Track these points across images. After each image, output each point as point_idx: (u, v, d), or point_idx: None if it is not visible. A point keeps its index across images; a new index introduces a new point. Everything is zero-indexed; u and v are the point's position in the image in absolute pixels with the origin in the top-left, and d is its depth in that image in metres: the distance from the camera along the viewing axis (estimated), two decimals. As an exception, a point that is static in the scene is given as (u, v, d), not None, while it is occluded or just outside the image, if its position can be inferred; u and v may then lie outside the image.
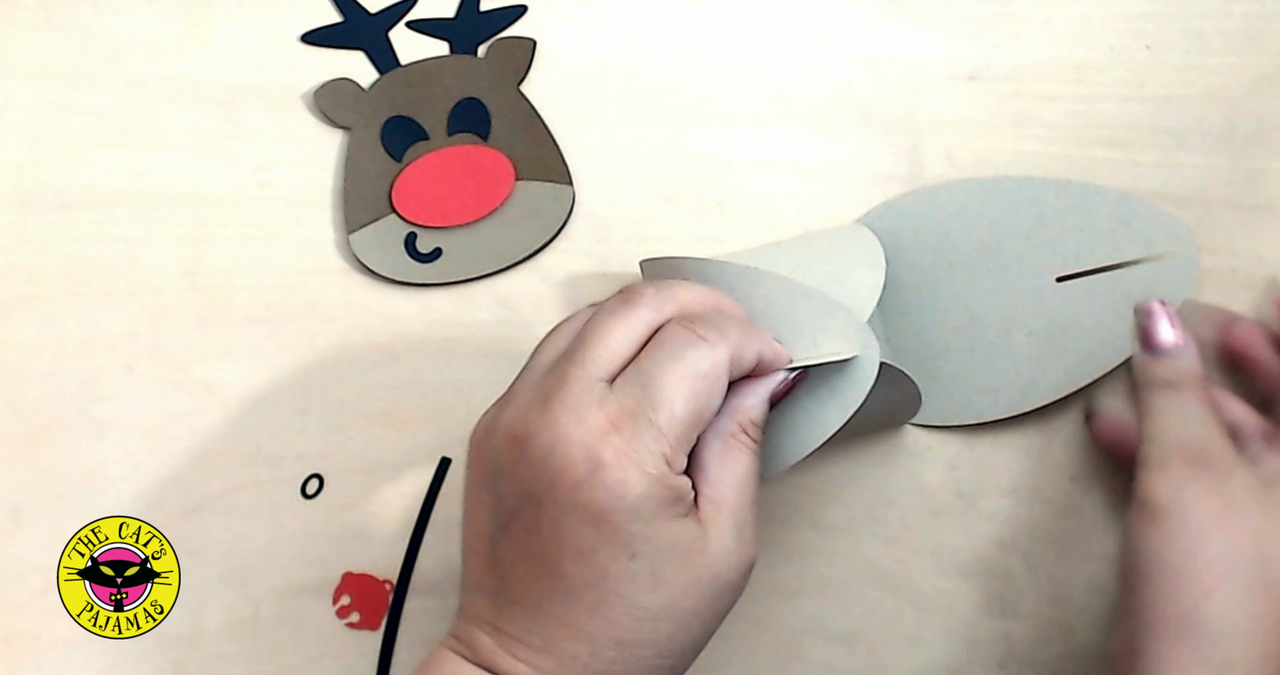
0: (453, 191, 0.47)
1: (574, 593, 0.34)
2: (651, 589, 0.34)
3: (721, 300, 0.38)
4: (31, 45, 0.48)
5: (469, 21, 0.47)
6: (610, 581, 0.34)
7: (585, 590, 0.34)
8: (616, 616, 0.34)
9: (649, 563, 0.34)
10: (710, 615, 0.35)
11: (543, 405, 0.35)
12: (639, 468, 0.34)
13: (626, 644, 0.34)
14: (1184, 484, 0.36)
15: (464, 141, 0.47)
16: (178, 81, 0.48)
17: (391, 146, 0.47)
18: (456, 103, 0.47)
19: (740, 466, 0.36)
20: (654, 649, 0.35)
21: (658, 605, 0.34)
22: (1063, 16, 0.48)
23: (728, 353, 0.35)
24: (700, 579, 0.35)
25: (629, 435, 0.34)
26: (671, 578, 0.34)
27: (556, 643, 0.34)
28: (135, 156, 0.48)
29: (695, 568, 0.35)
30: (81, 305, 0.48)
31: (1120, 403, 0.45)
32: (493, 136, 0.47)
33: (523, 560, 0.35)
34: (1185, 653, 0.35)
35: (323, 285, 0.48)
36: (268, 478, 0.48)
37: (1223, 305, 0.47)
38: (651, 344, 0.35)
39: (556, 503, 0.34)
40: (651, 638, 0.34)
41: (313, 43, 0.47)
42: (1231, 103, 0.47)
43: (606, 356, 0.35)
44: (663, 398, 0.34)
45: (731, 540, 0.36)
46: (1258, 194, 0.47)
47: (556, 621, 0.34)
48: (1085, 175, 0.47)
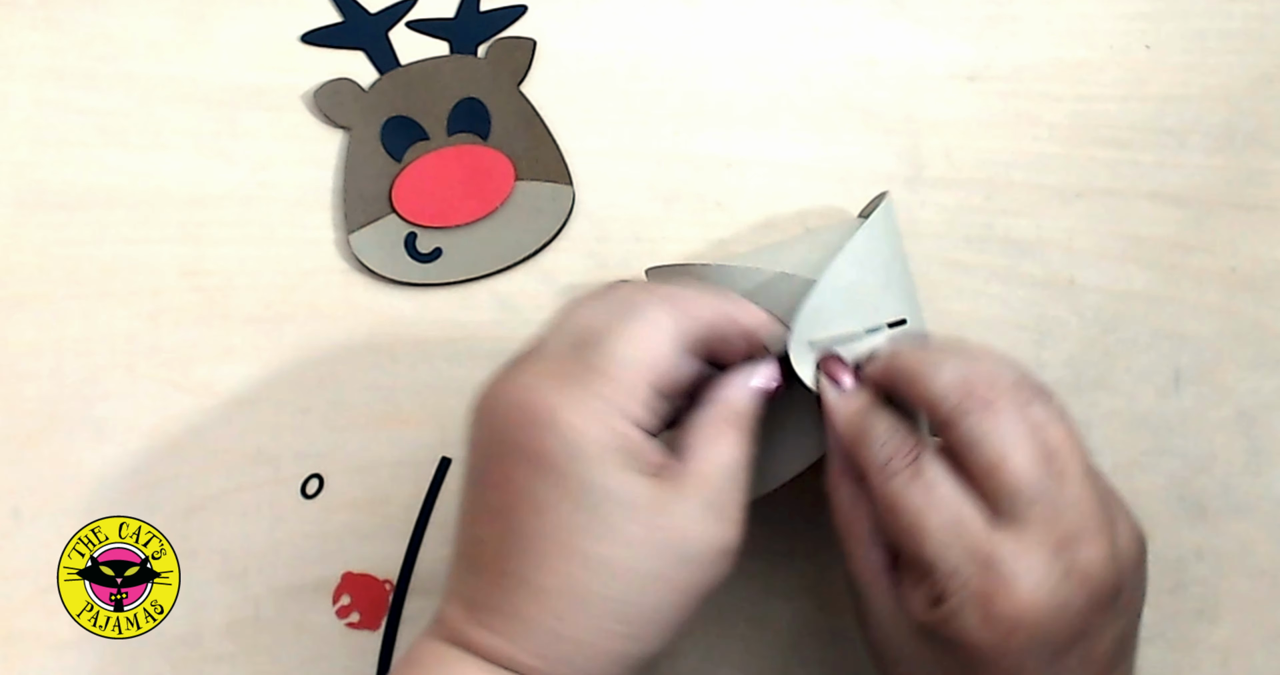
0: (453, 191, 0.47)
1: (529, 547, 0.34)
2: (600, 539, 0.33)
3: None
4: (31, 45, 0.48)
5: (469, 21, 0.47)
6: (562, 532, 0.33)
7: (538, 541, 0.34)
8: (569, 569, 0.33)
9: (598, 511, 0.33)
10: (673, 584, 0.34)
11: (513, 370, 0.36)
12: (589, 413, 0.34)
13: (581, 601, 0.33)
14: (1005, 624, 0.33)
15: (464, 141, 0.47)
16: (178, 81, 0.48)
17: (391, 146, 0.47)
18: (456, 103, 0.47)
19: (723, 449, 0.36)
20: (610, 609, 0.33)
21: (609, 558, 0.33)
22: (1063, 16, 0.48)
23: (684, 306, 0.36)
24: (656, 539, 0.33)
25: (581, 384, 0.34)
26: (623, 531, 0.33)
27: (518, 605, 0.34)
28: (135, 156, 0.48)
29: (651, 527, 0.33)
30: (81, 305, 0.48)
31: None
32: (493, 136, 0.47)
33: (485, 519, 0.35)
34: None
35: (323, 285, 0.48)
36: (268, 478, 0.48)
37: (1223, 305, 0.47)
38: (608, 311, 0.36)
39: (511, 454, 0.34)
40: (605, 594, 0.33)
41: (313, 43, 0.47)
42: (1231, 103, 0.47)
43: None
44: (615, 350, 0.34)
45: (699, 511, 0.34)
46: (1258, 194, 0.47)
47: (516, 581, 0.34)
48: (1085, 175, 0.47)
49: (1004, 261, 0.47)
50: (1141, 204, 0.47)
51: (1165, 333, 0.47)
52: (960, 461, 0.35)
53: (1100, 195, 0.47)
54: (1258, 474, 0.47)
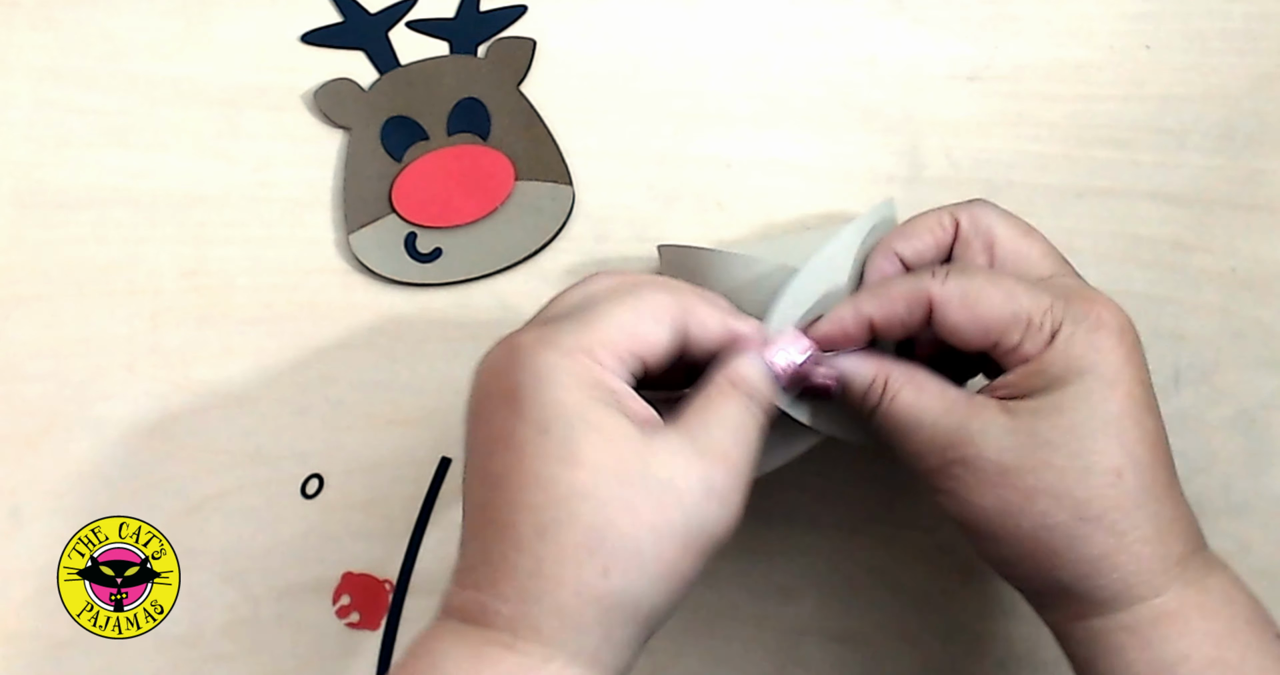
0: (452, 191, 0.47)
1: (503, 486, 0.33)
2: (565, 463, 0.32)
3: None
4: (31, 45, 0.48)
5: (469, 21, 0.47)
6: (526, 460, 0.33)
7: (511, 478, 0.33)
8: (535, 499, 0.32)
9: (567, 436, 0.32)
10: (647, 518, 0.32)
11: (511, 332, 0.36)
12: (564, 351, 0.33)
13: (548, 530, 0.32)
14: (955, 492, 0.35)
15: (464, 141, 0.47)
16: (178, 81, 0.48)
17: (391, 146, 0.47)
18: (456, 103, 0.47)
19: (720, 410, 0.35)
20: (578, 537, 0.32)
21: (574, 482, 0.32)
22: (1063, 16, 0.48)
23: (680, 300, 0.36)
24: (628, 469, 0.32)
25: (564, 331, 0.34)
26: (591, 456, 0.32)
27: (491, 550, 0.33)
28: (135, 156, 0.48)
29: (623, 455, 0.33)
30: (81, 305, 0.48)
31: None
32: (492, 136, 0.47)
33: (474, 478, 0.34)
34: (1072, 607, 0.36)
35: (323, 285, 0.48)
36: (268, 478, 0.48)
37: (1223, 305, 0.47)
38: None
39: (492, 400, 0.34)
40: (571, 520, 0.32)
41: (313, 43, 0.47)
42: (1231, 103, 0.47)
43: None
44: (607, 310, 0.35)
45: (679, 446, 0.34)
46: (1258, 194, 0.47)
47: (493, 526, 0.33)
48: (1085, 175, 0.47)
49: (1004, 261, 0.47)
50: (1141, 204, 0.47)
51: (1165, 333, 0.47)
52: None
53: (1100, 195, 0.47)
54: (1258, 474, 0.47)
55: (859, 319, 0.37)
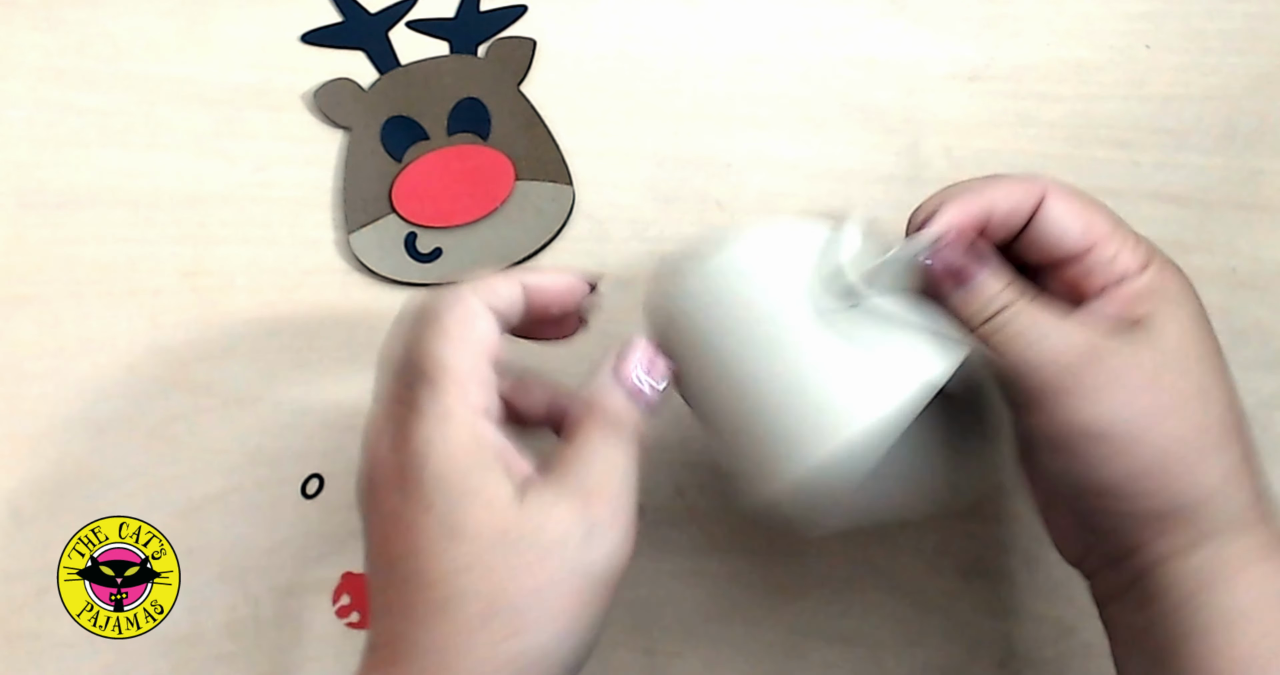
0: (453, 191, 0.47)
1: (396, 566, 0.34)
2: (452, 538, 0.33)
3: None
4: (31, 45, 0.48)
5: (469, 21, 0.47)
6: (416, 538, 0.33)
7: (402, 558, 0.34)
8: (428, 577, 0.33)
9: (445, 509, 0.33)
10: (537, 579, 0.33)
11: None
12: (424, 417, 0.34)
13: (446, 607, 0.33)
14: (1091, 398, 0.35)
15: (464, 141, 0.47)
16: (178, 81, 0.48)
17: (391, 146, 0.47)
18: (456, 102, 0.47)
19: (587, 449, 0.35)
20: (476, 609, 0.33)
21: (461, 556, 0.33)
22: (1063, 16, 0.48)
23: (465, 291, 0.35)
24: (509, 531, 0.33)
25: (416, 408, 0.34)
26: (472, 527, 0.33)
27: (397, 631, 0.34)
28: (135, 156, 0.48)
29: (502, 520, 0.33)
30: (81, 305, 0.48)
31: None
32: (493, 136, 0.47)
33: (372, 561, 0.35)
34: (1190, 532, 0.35)
35: (323, 285, 0.48)
36: (268, 478, 0.48)
37: (1223, 305, 0.47)
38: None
39: (374, 485, 0.35)
40: (464, 595, 0.33)
41: (313, 43, 0.47)
42: (1231, 103, 0.47)
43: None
44: (432, 353, 0.34)
45: (558, 498, 0.34)
46: (1258, 194, 0.47)
47: (394, 606, 0.34)
48: (1085, 175, 0.47)
49: (1004, 261, 0.47)
50: (1141, 204, 0.47)
51: (1165, 333, 0.47)
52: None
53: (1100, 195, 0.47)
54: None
55: (983, 203, 0.37)
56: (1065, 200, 0.37)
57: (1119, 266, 0.36)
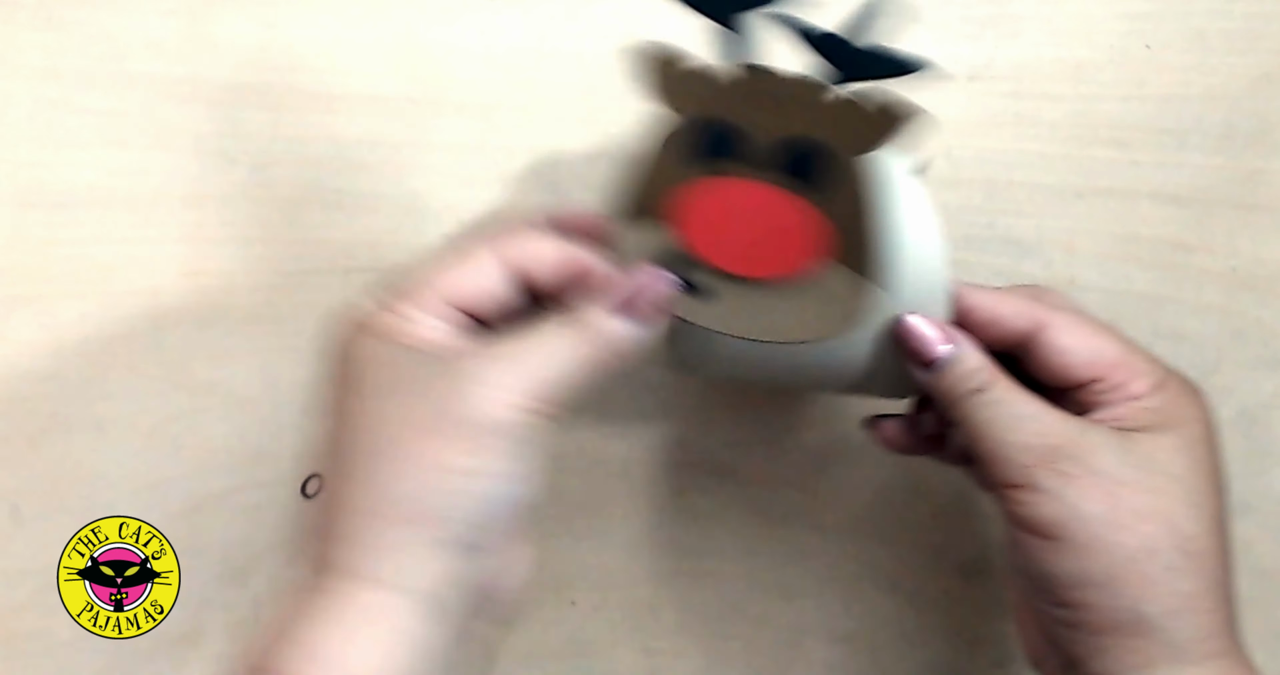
0: (743, 231, 0.37)
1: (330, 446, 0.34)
2: (341, 401, 0.34)
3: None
4: (31, 45, 0.48)
5: (860, 51, 0.36)
6: (341, 413, 0.34)
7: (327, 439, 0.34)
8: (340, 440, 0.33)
9: (343, 378, 0.34)
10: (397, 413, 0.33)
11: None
12: (376, 323, 0.35)
13: (329, 472, 0.33)
14: (1063, 491, 0.34)
15: (783, 183, 0.37)
16: (178, 81, 0.48)
17: (698, 150, 0.37)
18: (798, 136, 0.36)
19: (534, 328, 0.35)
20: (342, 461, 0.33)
21: (343, 413, 0.33)
22: (1063, 16, 0.48)
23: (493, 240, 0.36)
24: (382, 384, 0.33)
25: (377, 308, 0.35)
26: (358, 387, 0.34)
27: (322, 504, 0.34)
28: (135, 156, 0.48)
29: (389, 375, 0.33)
30: (81, 305, 0.48)
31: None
32: (818, 193, 0.36)
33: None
34: (1142, 650, 0.34)
35: (323, 285, 0.48)
36: (268, 478, 0.48)
37: (1223, 305, 0.47)
38: None
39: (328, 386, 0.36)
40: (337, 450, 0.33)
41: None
42: (1231, 103, 0.47)
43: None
44: (414, 275, 0.36)
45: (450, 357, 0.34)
46: (1258, 194, 0.47)
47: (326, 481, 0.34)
48: (1085, 175, 0.47)
49: (1004, 261, 0.47)
50: (1141, 204, 0.47)
51: (1165, 333, 0.47)
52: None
53: (1100, 195, 0.47)
54: (1258, 474, 0.47)
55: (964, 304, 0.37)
56: (1069, 331, 0.37)
57: (1127, 393, 0.36)
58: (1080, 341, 0.37)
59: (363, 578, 0.32)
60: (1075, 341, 0.37)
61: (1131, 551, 0.34)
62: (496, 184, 0.48)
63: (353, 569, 0.32)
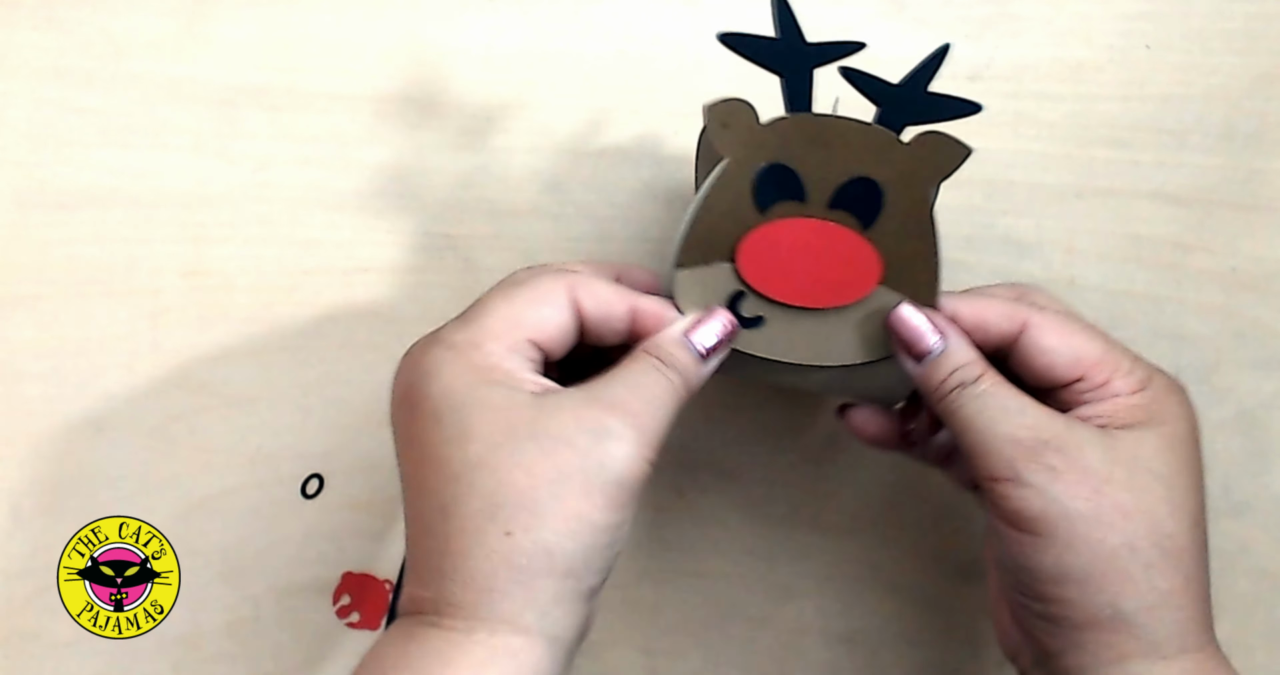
0: (806, 268, 0.40)
1: (411, 483, 0.35)
2: (458, 443, 0.33)
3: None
4: (31, 45, 0.48)
5: (912, 96, 0.40)
6: (426, 450, 0.34)
7: (415, 473, 0.34)
8: (433, 483, 0.33)
9: (453, 417, 0.34)
10: (543, 472, 0.33)
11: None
12: (441, 344, 0.35)
13: (449, 510, 0.33)
14: (1048, 487, 0.34)
15: (841, 221, 0.39)
16: (178, 81, 0.48)
17: (761, 194, 0.39)
18: (853, 178, 0.39)
19: (626, 369, 0.36)
20: (478, 507, 0.33)
21: (469, 457, 0.33)
22: (1063, 16, 0.48)
23: (567, 280, 0.36)
24: (519, 429, 0.33)
25: (442, 330, 0.36)
26: (480, 429, 0.33)
27: (414, 546, 0.34)
28: (135, 156, 0.48)
29: (513, 420, 0.33)
30: (81, 305, 0.48)
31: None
32: (874, 229, 0.39)
33: (402, 486, 0.36)
34: (1117, 645, 0.34)
35: (323, 285, 0.48)
36: (268, 478, 0.48)
37: (1223, 305, 0.47)
38: None
39: (395, 410, 0.36)
40: (469, 495, 0.33)
41: (732, 47, 0.40)
42: (1231, 103, 0.47)
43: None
44: (490, 307, 0.36)
45: (575, 401, 0.34)
46: (1258, 194, 0.47)
47: (412, 523, 0.34)
48: (1085, 175, 0.47)
49: (1004, 261, 0.47)
50: (1141, 204, 0.47)
51: (1165, 333, 0.47)
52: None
53: (1100, 195, 0.47)
54: (1258, 474, 0.47)
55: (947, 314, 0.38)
56: (1052, 332, 0.37)
57: (1111, 391, 0.36)
58: (1063, 341, 0.37)
59: (506, 623, 0.32)
60: (1058, 341, 0.37)
61: (1112, 548, 0.34)
62: (497, 184, 0.48)
63: (497, 615, 0.32)
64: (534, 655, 0.32)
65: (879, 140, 0.39)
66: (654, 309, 0.38)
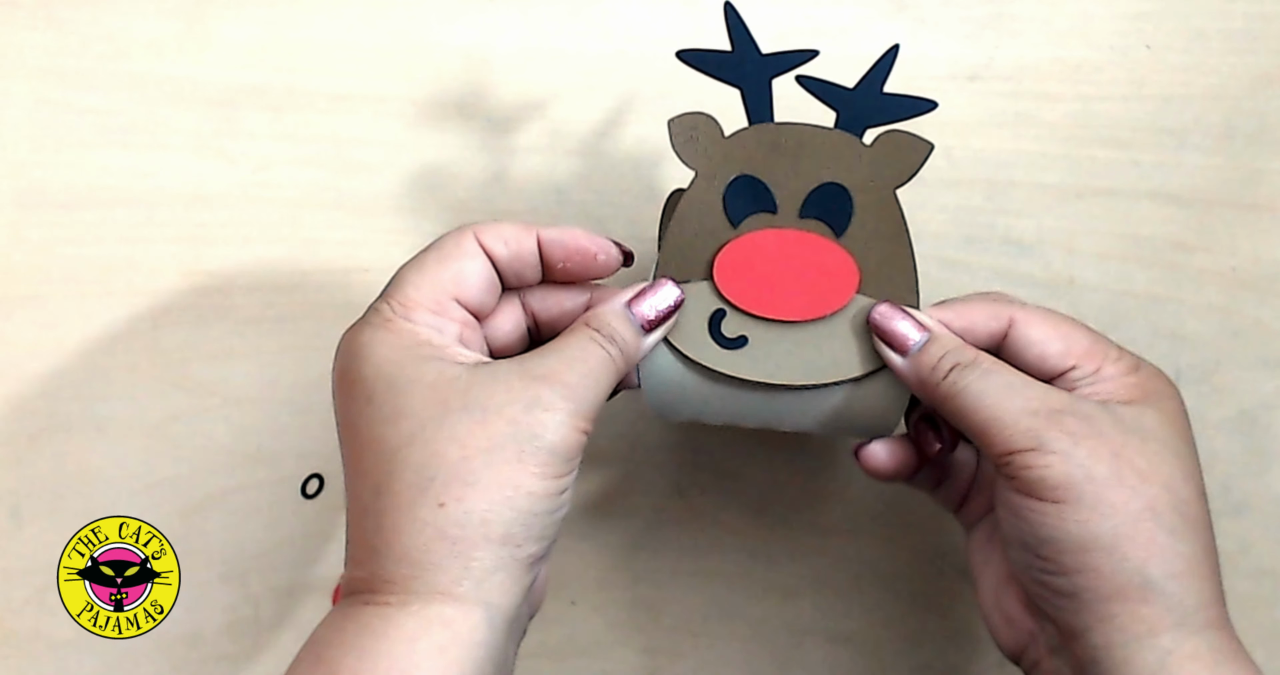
0: (783, 280, 0.40)
1: (348, 465, 0.35)
2: (391, 421, 0.33)
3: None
4: (31, 45, 0.48)
5: (868, 99, 0.39)
6: (362, 432, 0.34)
7: (352, 456, 0.34)
8: (369, 464, 0.33)
9: (385, 396, 0.34)
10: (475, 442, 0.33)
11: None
12: (367, 325, 0.35)
13: (382, 488, 0.33)
14: (1071, 451, 0.34)
15: (813, 229, 0.40)
16: (178, 81, 0.48)
17: (733, 209, 0.40)
18: (820, 185, 0.39)
19: (561, 342, 0.36)
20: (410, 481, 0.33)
21: (402, 433, 0.33)
22: (1063, 16, 0.48)
23: (468, 230, 0.37)
24: (450, 402, 0.33)
25: (376, 314, 0.36)
26: (412, 405, 0.33)
27: (350, 528, 0.34)
28: (135, 156, 0.48)
29: (444, 394, 0.33)
30: (81, 305, 0.48)
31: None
32: (847, 235, 0.39)
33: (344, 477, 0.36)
34: (1147, 617, 0.34)
35: (323, 285, 0.48)
36: (268, 478, 0.48)
37: (1223, 305, 0.47)
38: None
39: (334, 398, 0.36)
40: (401, 471, 0.33)
41: (689, 63, 0.40)
42: (1231, 103, 0.47)
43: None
44: (405, 278, 0.36)
45: (507, 372, 0.34)
46: (1258, 194, 0.47)
47: (350, 507, 0.34)
48: (1085, 175, 0.47)
49: (1004, 261, 0.47)
50: (1141, 204, 0.47)
51: (1165, 333, 0.47)
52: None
53: (1100, 195, 0.47)
54: (1258, 474, 0.47)
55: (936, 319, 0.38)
56: (1039, 324, 0.37)
57: (1104, 375, 0.37)
58: (1051, 332, 0.37)
59: (441, 594, 0.32)
60: (1047, 332, 0.37)
61: (1136, 512, 0.34)
62: (497, 183, 0.48)
63: (431, 587, 0.32)
64: (469, 623, 0.32)
65: (841, 144, 0.39)
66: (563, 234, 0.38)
